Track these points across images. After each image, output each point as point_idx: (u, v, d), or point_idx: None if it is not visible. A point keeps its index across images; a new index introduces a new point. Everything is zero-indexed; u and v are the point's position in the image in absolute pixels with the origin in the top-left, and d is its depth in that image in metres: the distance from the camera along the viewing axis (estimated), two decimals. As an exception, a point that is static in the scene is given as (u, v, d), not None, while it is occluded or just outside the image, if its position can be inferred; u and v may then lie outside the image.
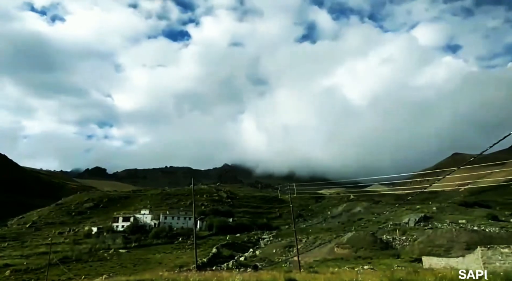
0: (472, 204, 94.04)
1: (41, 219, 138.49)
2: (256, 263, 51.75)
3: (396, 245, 60.17)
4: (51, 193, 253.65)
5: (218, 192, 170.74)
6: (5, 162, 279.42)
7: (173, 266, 54.26)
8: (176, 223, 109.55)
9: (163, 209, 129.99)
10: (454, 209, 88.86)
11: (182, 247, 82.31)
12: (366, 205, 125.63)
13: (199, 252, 51.50)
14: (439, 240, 53.37)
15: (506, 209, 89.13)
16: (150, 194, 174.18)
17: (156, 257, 70.03)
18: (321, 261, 51.64)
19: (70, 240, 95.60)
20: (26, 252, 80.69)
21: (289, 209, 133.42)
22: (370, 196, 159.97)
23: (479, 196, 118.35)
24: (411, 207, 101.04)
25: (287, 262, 52.66)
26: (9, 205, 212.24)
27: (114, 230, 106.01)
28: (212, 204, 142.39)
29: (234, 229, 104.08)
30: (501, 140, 12.32)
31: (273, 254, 66.72)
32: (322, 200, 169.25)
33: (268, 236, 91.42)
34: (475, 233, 54.39)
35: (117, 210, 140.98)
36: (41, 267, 61.97)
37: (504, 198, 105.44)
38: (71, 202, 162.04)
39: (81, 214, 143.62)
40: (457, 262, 28.12)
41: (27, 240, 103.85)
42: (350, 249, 57.68)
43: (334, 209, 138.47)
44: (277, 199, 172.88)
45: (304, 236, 79.03)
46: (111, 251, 77.41)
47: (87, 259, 70.09)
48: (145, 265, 60.72)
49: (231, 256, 66.27)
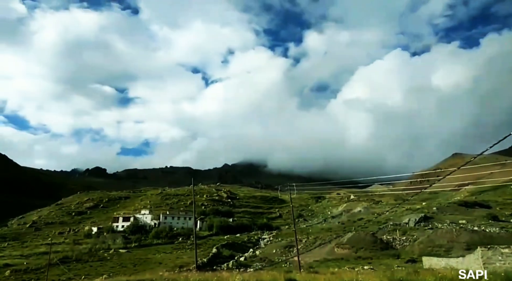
0: (472, 204, 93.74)
1: (41, 219, 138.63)
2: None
3: (396, 245, 60.16)
4: (51, 193, 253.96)
5: (218, 192, 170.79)
6: (5, 162, 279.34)
7: (173, 266, 54.33)
8: (176, 223, 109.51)
9: (163, 209, 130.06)
10: (454, 209, 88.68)
11: (182, 247, 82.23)
12: (366, 205, 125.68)
13: (199, 252, 51.49)
14: (439, 240, 53.35)
15: (506, 209, 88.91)
16: (150, 194, 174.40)
17: (156, 257, 70.00)
18: (321, 261, 51.61)
19: (70, 240, 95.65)
20: (26, 252, 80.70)
21: (289, 209, 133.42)
22: (370, 196, 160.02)
23: (479, 196, 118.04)
24: (411, 207, 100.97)
25: (287, 262, 52.67)
26: (9, 205, 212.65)
27: (114, 230, 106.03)
28: (212, 204, 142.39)
29: (234, 229, 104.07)
30: (501, 141, 12.34)
31: (273, 254, 66.69)
32: (322, 200, 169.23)
33: (268, 236, 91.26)
34: (475, 233, 54.33)
35: (117, 210, 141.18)
36: (41, 267, 62.04)
37: (504, 198, 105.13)
38: (71, 202, 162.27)
39: (81, 214, 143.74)
40: (457, 262, 28.12)
41: (27, 240, 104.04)
42: (350, 249, 57.67)
43: (334, 209, 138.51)
44: (277, 199, 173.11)
45: (304, 236, 78.89)
46: (111, 251, 77.38)
47: (87, 259, 70.03)
48: (145, 265, 60.72)
49: (231, 256, 66.27)
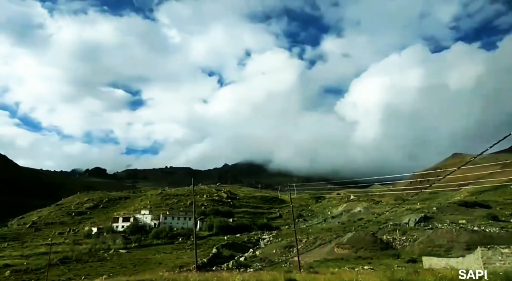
0: (472, 204, 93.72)
1: (41, 219, 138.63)
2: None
3: (396, 245, 60.15)
4: (51, 193, 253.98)
5: (218, 192, 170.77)
6: (5, 162, 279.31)
7: (173, 267, 54.32)
8: (176, 223, 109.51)
9: (163, 209, 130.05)
10: (454, 209, 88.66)
11: (182, 247, 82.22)
12: (366, 205, 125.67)
13: (199, 253, 51.46)
14: (439, 240, 53.36)
15: (506, 209, 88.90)
16: (150, 194, 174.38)
17: (156, 257, 69.99)
18: (321, 261, 51.60)
19: (70, 241, 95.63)
20: (26, 252, 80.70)
21: (289, 209, 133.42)
22: (370, 196, 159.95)
23: (479, 196, 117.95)
24: (411, 207, 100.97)
25: (287, 262, 52.63)
26: (9, 205, 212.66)
27: (114, 230, 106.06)
28: (212, 204, 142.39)
29: (234, 229, 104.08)
30: (501, 140, 12.33)
31: (273, 254, 66.69)
32: (322, 200, 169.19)
33: (268, 236, 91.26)
34: (475, 233, 54.34)
35: (117, 210, 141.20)
36: (41, 268, 62.00)
37: (504, 198, 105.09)
38: (71, 202, 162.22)
39: (81, 214, 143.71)
40: (457, 262, 28.11)
41: (27, 240, 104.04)
42: (350, 249, 57.67)
43: (334, 209, 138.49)
44: (277, 199, 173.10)
45: (304, 236, 78.90)
46: (111, 251, 77.36)
47: (87, 259, 69.99)
48: (145, 265, 60.69)
49: (231, 256, 66.26)
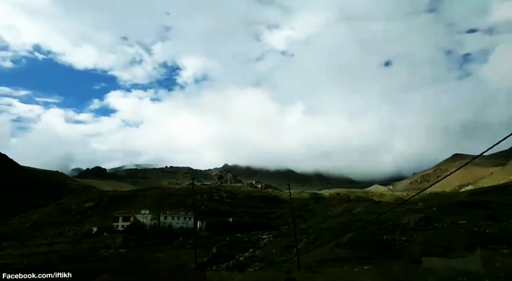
0: (472, 204, 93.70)
1: (41, 219, 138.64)
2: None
3: (396, 245, 60.09)
4: (51, 193, 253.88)
5: (218, 192, 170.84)
6: (5, 162, 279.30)
7: (173, 266, 54.32)
8: (176, 223, 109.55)
9: (163, 209, 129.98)
10: (454, 209, 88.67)
11: (182, 247, 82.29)
12: (366, 205, 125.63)
13: (199, 252, 51.47)
14: (439, 241, 53.36)
15: (506, 209, 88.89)
16: (150, 194, 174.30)
17: (156, 257, 70.05)
18: (321, 261, 51.57)
19: (70, 240, 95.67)
20: (26, 252, 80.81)
21: (289, 209, 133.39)
22: (370, 196, 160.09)
23: (479, 197, 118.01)
24: (411, 207, 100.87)
25: (286, 262, 52.65)
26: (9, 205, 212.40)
27: (114, 229, 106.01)
28: (212, 204, 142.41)
29: (234, 229, 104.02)
30: (501, 141, 12.34)
31: (273, 254, 66.69)
32: (322, 200, 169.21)
33: (268, 236, 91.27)
34: (475, 233, 54.36)
35: (117, 210, 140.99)
36: (41, 267, 62.01)
37: (504, 199, 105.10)
38: (71, 202, 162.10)
39: (81, 213, 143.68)
40: (457, 262, 28.12)
41: (27, 240, 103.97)
42: (350, 249, 57.65)
43: (334, 209, 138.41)
44: (277, 199, 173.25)
45: (304, 236, 78.92)
46: (111, 250, 77.50)
47: (87, 258, 70.11)
48: (145, 265, 60.71)
49: (231, 256, 66.31)
